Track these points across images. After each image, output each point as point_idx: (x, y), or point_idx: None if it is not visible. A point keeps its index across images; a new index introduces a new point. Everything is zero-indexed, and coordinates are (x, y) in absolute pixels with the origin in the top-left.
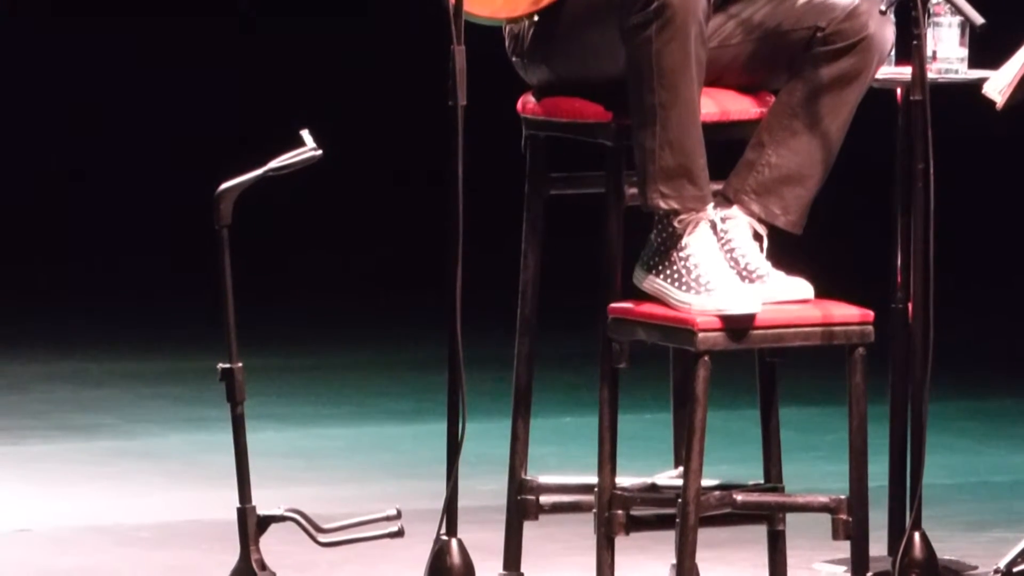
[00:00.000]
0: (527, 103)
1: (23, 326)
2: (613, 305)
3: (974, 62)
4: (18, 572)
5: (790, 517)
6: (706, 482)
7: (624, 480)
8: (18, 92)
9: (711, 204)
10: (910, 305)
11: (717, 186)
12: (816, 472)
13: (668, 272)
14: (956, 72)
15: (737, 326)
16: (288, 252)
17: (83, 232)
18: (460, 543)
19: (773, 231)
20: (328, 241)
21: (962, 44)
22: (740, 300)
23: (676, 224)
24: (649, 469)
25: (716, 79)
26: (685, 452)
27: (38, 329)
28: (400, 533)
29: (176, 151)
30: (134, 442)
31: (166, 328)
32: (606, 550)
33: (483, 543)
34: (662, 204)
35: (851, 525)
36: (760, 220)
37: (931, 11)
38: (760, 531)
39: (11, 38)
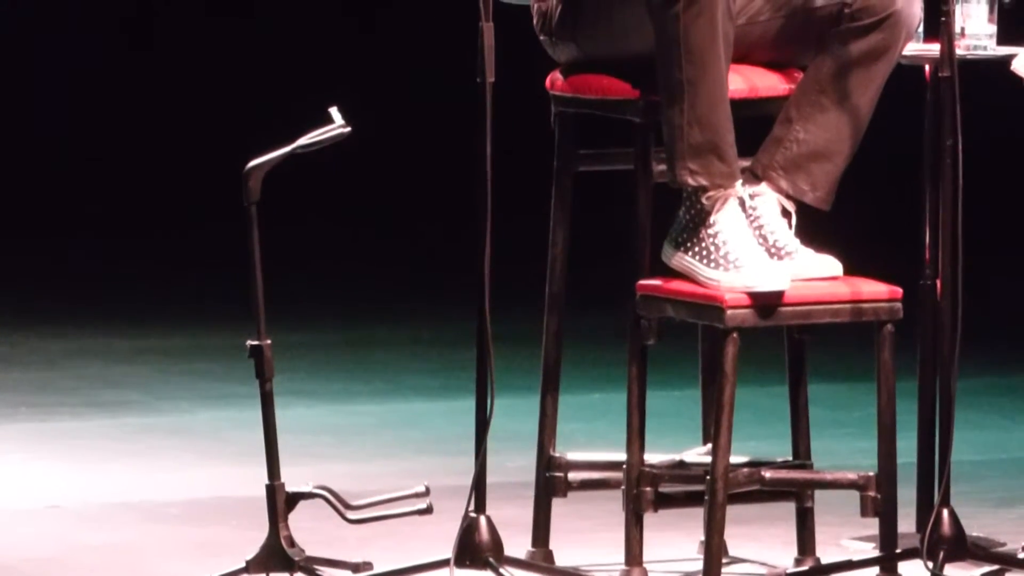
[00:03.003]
0: (555, 80)
1: (52, 303)
2: (642, 282)
3: (1003, 38)
4: (47, 547)
5: (819, 494)
6: (734, 459)
7: (652, 457)
8: (30, 65)
9: (739, 181)
10: (938, 281)
11: (745, 163)
12: (845, 449)
13: (696, 249)
14: (985, 48)
15: (766, 303)
16: (318, 229)
17: (112, 209)
18: (489, 520)
19: (802, 207)
20: (357, 218)
21: (991, 20)
22: (769, 277)
23: (704, 201)
24: (677, 446)
25: (744, 56)
26: (714, 429)
27: (67, 306)
28: (429, 510)
29: (204, 128)
30: (163, 419)
31: (195, 304)
32: (634, 527)
33: (512, 520)
34: (690, 180)
35: (880, 502)
36: (788, 196)
37: None
38: (789, 508)
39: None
